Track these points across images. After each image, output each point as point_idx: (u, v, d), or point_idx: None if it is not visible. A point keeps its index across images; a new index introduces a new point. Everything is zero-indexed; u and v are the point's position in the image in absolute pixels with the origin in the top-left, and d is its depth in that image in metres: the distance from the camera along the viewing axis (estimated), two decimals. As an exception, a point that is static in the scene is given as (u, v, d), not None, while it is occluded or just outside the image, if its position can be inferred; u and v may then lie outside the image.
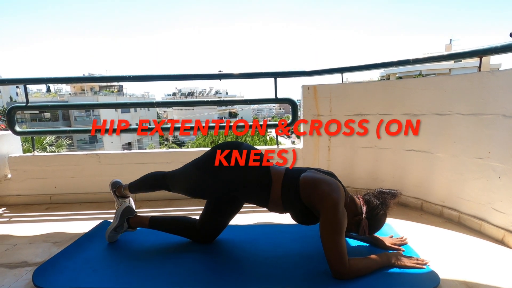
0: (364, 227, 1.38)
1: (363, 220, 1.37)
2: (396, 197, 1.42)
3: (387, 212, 1.40)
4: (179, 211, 2.28)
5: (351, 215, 1.38)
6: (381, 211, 1.38)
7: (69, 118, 27.06)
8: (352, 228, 1.41)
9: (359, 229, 1.39)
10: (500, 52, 1.67)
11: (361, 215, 1.38)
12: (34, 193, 2.52)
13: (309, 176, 1.36)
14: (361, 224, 1.38)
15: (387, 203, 1.40)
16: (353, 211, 1.39)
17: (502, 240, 1.60)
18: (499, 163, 1.63)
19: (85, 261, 1.47)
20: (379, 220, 1.39)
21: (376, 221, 1.39)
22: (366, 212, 1.38)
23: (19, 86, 3.80)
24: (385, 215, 1.40)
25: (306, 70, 2.59)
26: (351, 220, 1.38)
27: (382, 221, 1.41)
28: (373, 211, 1.38)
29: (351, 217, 1.38)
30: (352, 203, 1.41)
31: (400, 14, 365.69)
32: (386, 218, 1.42)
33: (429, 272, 1.30)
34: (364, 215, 1.37)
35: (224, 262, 1.45)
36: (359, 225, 1.38)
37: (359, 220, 1.38)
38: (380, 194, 1.42)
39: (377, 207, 1.38)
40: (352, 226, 1.40)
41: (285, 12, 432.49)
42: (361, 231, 1.40)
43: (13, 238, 1.85)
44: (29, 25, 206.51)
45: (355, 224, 1.39)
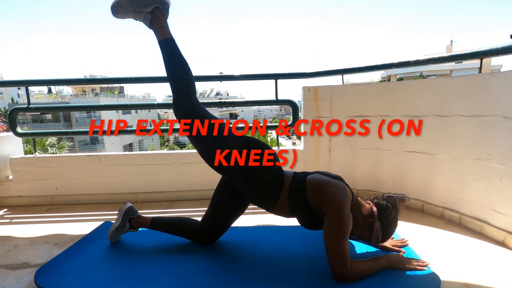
0: (378, 230, 1.34)
1: (376, 222, 1.34)
2: (404, 201, 1.41)
3: (398, 215, 1.38)
4: (180, 212, 2.28)
5: (361, 218, 1.35)
6: (392, 213, 1.36)
7: (70, 119, 27.15)
8: (365, 233, 1.37)
9: (372, 234, 1.35)
10: (501, 53, 1.67)
11: (374, 218, 1.35)
12: (36, 195, 2.53)
13: (316, 178, 1.36)
14: (374, 228, 1.34)
15: (398, 206, 1.38)
16: (363, 215, 1.36)
17: (503, 241, 1.60)
18: (500, 164, 1.63)
19: (87, 262, 1.47)
20: (391, 223, 1.36)
21: (388, 224, 1.36)
22: (378, 215, 1.35)
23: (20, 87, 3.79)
24: (396, 218, 1.38)
25: (307, 71, 2.59)
26: (362, 224, 1.35)
27: (394, 225, 1.38)
28: (384, 213, 1.35)
29: (362, 221, 1.35)
30: (361, 207, 1.38)
31: (400, 13, 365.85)
32: (397, 222, 1.39)
33: (430, 273, 1.29)
34: (377, 217, 1.35)
35: (226, 263, 1.45)
36: (372, 229, 1.34)
37: (371, 223, 1.34)
38: (390, 198, 1.41)
39: (388, 208, 1.36)
40: (364, 231, 1.36)
41: (285, 12, 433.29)
42: (374, 236, 1.35)
43: (14, 239, 1.85)
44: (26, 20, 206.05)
45: (367, 229, 1.35)
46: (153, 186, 2.54)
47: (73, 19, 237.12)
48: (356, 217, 1.34)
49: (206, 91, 56.02)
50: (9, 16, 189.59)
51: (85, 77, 3.97)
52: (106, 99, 29.86)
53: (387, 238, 1.40)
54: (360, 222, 1.35)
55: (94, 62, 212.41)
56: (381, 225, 1.35)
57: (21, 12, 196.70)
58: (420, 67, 20.11)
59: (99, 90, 34.84)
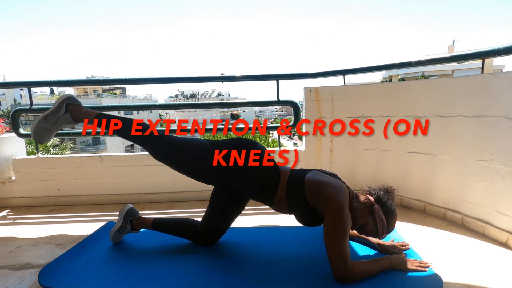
0: (379, 213, 1.33)
1: (375, 205, 1.35)
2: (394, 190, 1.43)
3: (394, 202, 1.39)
4: (181, 213, 2.29)
5: (360, 204, 1.36)
6: (388, 198, 1.38)
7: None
8: (369, 220, 1.34)
9: (375, 218, 1.33)
10: (503, 54, 1.67)
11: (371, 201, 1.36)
12: (38, 195, 2.54)
13: (314, 178, 1.36)
14: (375, 210, 1.33)
15: (390, 194, 1.40)
16: (361, 201, 1.38)
17: (506, 243, 1.59)
18: (503, 165, 1.62)
19: (90, 262, 1.48)
20: (389, 209, 1.36)
21: (387, 210, 1.35)
22: (375, 200, 1.37)
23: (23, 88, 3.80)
24: (393, 205, 1.38)
25: (308, 72, 2.59)
26: (363, 209, 1.35)
27: (393, 210, 1.37)
28: (381, 199, 1.37)
29: (362, 206, 1.35)
30: (357, 198, 1.40)
31: (402, 10, 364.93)
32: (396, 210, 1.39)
33: (432, 275, 1.29)
34: (375, 200, 1.37)
35: (227, 264, 1.45)
36: (373, 213, 1.33)
37: (370, 206, 1.35)
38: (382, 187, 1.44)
39: (381, 194, 1.39)
40: (367, 217, 1.34)
41: (285, 12, 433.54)
42: (378, 220, 1.33)
43: (17, 240, 1.86)
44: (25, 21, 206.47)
45: (369, 213, 1.34)
46: (155, 187, 2.55)
47: (73, 19, 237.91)
48: (355, 206, 1.35)
49: (207, 92, 56.11)
50: (9, 16, 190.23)
51: (87, 78, 3.98)
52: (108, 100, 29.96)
53: (391, 225, 1.38)
54: (360, 208, 1.35)
55: (96, 64, 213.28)
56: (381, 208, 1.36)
57: (20, 11, 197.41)
58: (422, 67, 20.07)
59: (101, 91, 34.95)
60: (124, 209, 1.65)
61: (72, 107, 1.49)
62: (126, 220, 1.63)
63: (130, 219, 1.64)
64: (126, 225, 1.63)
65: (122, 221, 1.62)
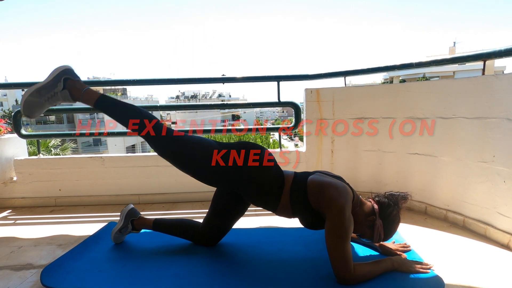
0: (379, 228, 1.34)
1: (377, 220, 1.34)
2: (407, 199, 1.40)
3: (399, 213, 1.38)
4: (182, 214, 2.29)
5: (363, 217, 1.35)
6: (394, 211, 1.36)
7: (73, 120, 27.31)
8: (367, 232, 1.37)
9: (374, 231, 1.35)
10: (504, 55, 1.66)
11: (375, 216, 1.35)
12: (39, 196, 2.54)
13: (316, 179, 1.35)
14: (376, 226, 1.34)
15: (399, 204, 1.38)
16: (365, 213, 1.36)
17: (507, 244, 1.59)
18: (504, 167, 1.62)
19: (92, 262, 1.48)
20: (393, 221, 1.36)
21: (390, 222, 1.36)
22: (379, 212, 1.35)
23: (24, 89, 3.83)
24: (398, 216, 1.38)
25: (309, 73, 2.59)
26: (364, 222, 1.35)
27: (396, 223, 1.38)
28: (386, 211, 1.35)
29: (364, 219, 1.35)
30: (363, 205, 1.38)
31: (404, 11, 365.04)
32: (400, 220, 1.39)
33: (433, 276, 1.28)
34: (378, 215, 1.35)
35: (228, 265, 1.45)
36: (373, 227, 1.35)
37: (373, 220, 1.35)
38: (392, 196, 1.41)
39: (389, 206, 1.36)
40: (366, 229, 1.37)
41: (286, 11, 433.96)
42: (376, 234, 1.35)
43: (18, 240, 1.86)
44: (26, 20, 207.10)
45: (368, 227, 1.36)
46: (156, 187, 2.55)
47: (74, 19, 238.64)
48: (357, 215, 1.34)
49: (208, 92, 56.18)
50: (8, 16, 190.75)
51: (89, 79, 3.99)
52: (109, 100, 29.90)
53: (389, 236, 1.40)
54: (362, 220, 1.35)
55: (97, 65, 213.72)
56: (382, 223, 1.35)
57: (21, 11, 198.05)
58: (423, 68, 20.03)
59: (102, 92, 34.97)
60: (125, 210, 1.65)
61: (71, 83, 1.35)
62: (127, 221, 1.63)
63: (131, 220, 1.64)
64: (127, 225, 1.63)
65: (123, 222, 1.62)
